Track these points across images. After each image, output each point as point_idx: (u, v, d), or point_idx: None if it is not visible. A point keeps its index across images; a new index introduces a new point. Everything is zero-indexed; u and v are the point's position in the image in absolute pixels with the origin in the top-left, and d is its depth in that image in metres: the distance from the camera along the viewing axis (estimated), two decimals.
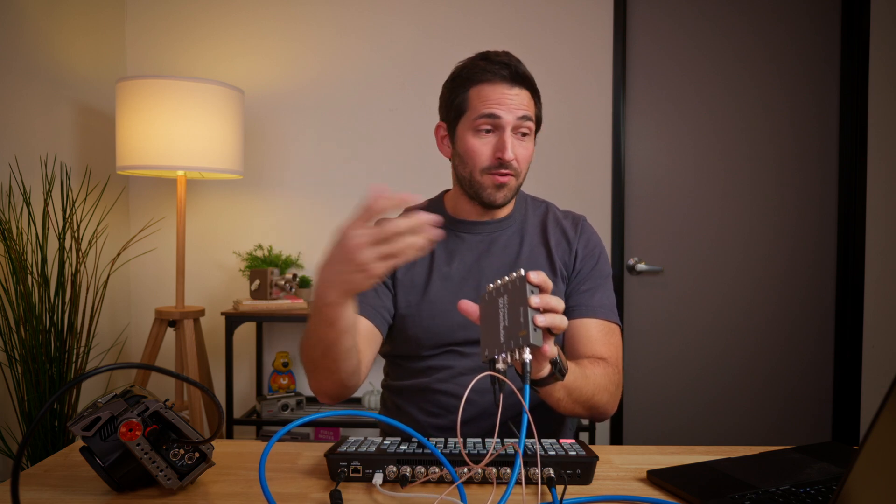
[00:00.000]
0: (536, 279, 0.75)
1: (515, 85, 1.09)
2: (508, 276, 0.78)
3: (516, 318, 0.74)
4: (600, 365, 1.05)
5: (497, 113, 1.07)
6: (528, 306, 0.72)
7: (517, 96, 1.09)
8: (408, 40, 2.52)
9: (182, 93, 1.98)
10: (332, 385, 0.99)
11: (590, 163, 2.52)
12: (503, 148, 1.07)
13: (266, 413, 2.28)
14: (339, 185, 2.55)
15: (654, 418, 2.59)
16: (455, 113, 1.13)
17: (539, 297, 0.74)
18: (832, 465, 0.85)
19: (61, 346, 1.91)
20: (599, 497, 0.78)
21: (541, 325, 0.73)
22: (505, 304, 0.76)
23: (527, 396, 0.70)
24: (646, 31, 2.55)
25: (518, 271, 0.76)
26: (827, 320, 2.59)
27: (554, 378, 0.86)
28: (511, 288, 0.76)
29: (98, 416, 0.75)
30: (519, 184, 1.13)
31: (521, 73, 1.09)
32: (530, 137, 1.12)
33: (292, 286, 2.31)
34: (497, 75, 1.08)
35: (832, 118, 2.56)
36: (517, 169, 1.10)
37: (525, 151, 1.11)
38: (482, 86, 1.09)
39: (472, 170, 1.11)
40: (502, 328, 0.75)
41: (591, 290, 1.15)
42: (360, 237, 0.77)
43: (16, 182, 1.93)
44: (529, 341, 0.71)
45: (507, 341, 0.73)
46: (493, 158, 1.09)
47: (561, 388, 0.94)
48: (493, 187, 1.10)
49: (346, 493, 0.78)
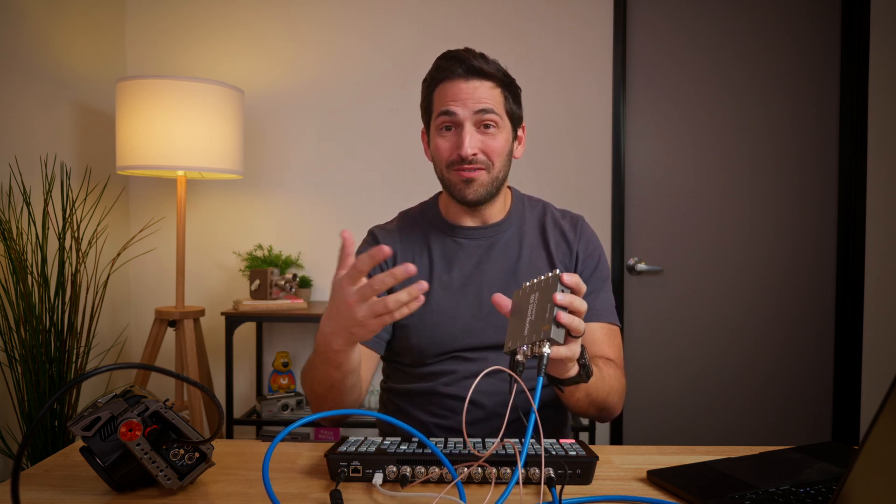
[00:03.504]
0: (569, 281, 0.77)
1: (472, 78, 1.08)
2: (545, 274, 0.80)
3: (542, 313, 0.76)
4: (612, 366, 1.06)
5: (451, 109, 1.07)
6: (555, 304, 0.74)
7: (475, 90, 1.07)
8: (408, 40, 2.52)
9: (182, 93, 1.98)
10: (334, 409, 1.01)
11: (590, 163, 2.52)
12: (461, 143, 1.07)
13: (266, 413, 2.28)
14: (339, 185, 2.55)
15: (654, 418, 2.59)
16: (426, 115, 1.15)
17: (564, 295, 0.75)
18: (832, 465, 0.85)
19: (61, 346, 1.91)
20: (599, 497, 0.78)
21: (563, 322, 0.74)
22: (536, 300, 0.78)
23: (538, 390, 0.71)
24: (646, 31, 2.55)
25: (553, 271, 0.78)
26: (827, 320, 2.59)
27: (580, 379, 0.87)
28: (544, 286, 0.78)
29: (98, 416, 0.75)
30: (493, 177, 1.11)
31: (475, 66, 1.07)
32: (499, 130, 1.10)
33: (292, 286, 2.31)
34: (452, 72, 1.08)
35: (832, 118, 2.56)
36: (485, 162, 1.09)
37: (494, 143, 1.09)
38: (441, 84, 1.10)
39: (441, 168, 1.12)
40: (528, 322, 0.77)
41: (593, 293, 1.14)
42: (352, 295, 0.79)
43: (16, 182, 1.93)
44: (550, 336, 0.73)
45: (530, 335, 0.76)
46: (454, 154, 1.09)
47: (582, 390, 0.96)
48: (461, 183, 1.10)
49: (346, 493, 0.78)
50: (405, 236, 1.19)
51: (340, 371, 0.93)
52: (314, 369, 0.97)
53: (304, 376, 1.04)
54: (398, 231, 1.21)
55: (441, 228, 1.19)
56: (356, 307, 0.79)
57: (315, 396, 1.01)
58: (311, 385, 1.01)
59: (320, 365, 0.94)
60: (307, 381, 1.02)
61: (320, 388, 0.98)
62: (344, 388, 0.96)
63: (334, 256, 2.85)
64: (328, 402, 0.99)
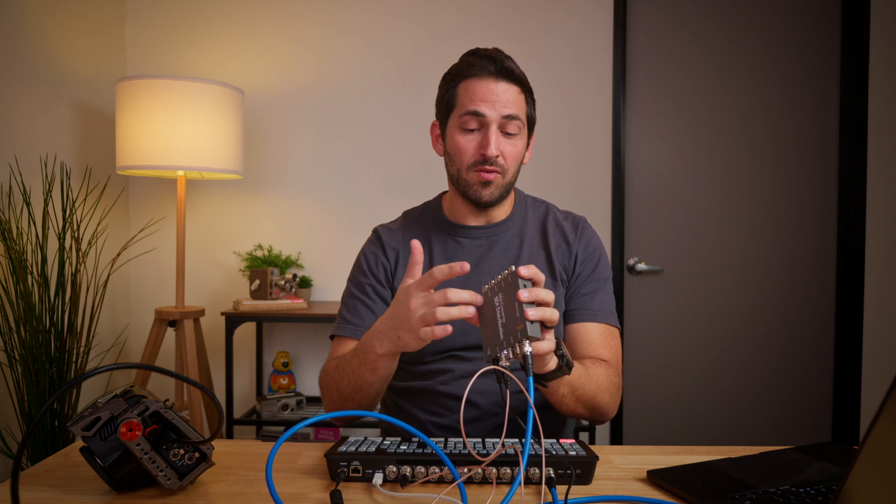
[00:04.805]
0: (527, 273, 0.77)
1: (502, 80, 1.08)
2: (501, 273, 0.79)
3: (512, 313, 0.75)
4: (602, 365, 1.06)
5: (481, 111, 1.07)
6: (520, 301, 0.74)
7: (504, 92, 1.08)
8: (408, 40, 2.52)
9: (182, 93, 1.98)
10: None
11: (590, 163, 2.52)
12: (487, 144, 1.07)
13: (266, 413, 2.28)
14: (339, 185, 2.55)
15: (654, 418, 2.59)
16: (446, 109, 1.14)
17: (527, 291, 0.76)
18: (832, 465, 0.85)
19: (61, 346, 1.91)
20: (599, 497, 0.78)
21: (533, 317, 0.74)
22: (501, 301, 0.78)
23: (531, 387, 0.71)
24: (646, 31, 2.55)
25: (509, 268, 0.78)
26: (827, 320, 2.59)
27: (561, 371, 0.87)
28: (504, 285, 0.78)
29: (98, 416, 0.75)
30: (507, 182, 1.12)
31: (507, 67, 1.08)
32: (519, 137, 1.11)
33: (292, 286, 2.31)
34: (484, 69, 1.08)
35: (832, 118, 2.56)
36: (503, 166, 1.10)
37: (513, 149, 1.10)
38: (469, 80, 1.09)
39: (460, 167, 1.12)
40: (500, 325, 0.76)
41: (591, 294, 1.14)
42: (416, 298, 0.84)
43: (16, 182, 1.93)
44: (528, 334, 0.72)
45: (507, 337, 0.75)
46: (477, 154, 1.09)
47: (565, 385, 0.95)
48: (478, 184, 1.10)
49: (346, 493, 0.78)
50: (408, 235, 1.20)
51: (375, 375, 0.96)
52: (347, 367, 1.00)
53: (330, 376, 1.05)
54: (401, 230, 1.21)
55: (443, 227, 1.19)
56: (415, 311, 0.84)
57: (339, 395, 1.03)
58: (336, 384, 1.03)
59: (357, 365, 0.97)
60: (332, 380, 1.04)
61: (348, 388, 1.00)
62: (371, 393, 0.99)
63: (334, 256, 2.85)
64: (350, 403, 1.02)
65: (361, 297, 1.16)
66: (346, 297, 1.19)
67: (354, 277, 1.20)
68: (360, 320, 1.14)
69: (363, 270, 1.19)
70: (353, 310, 1.16)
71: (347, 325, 1.15)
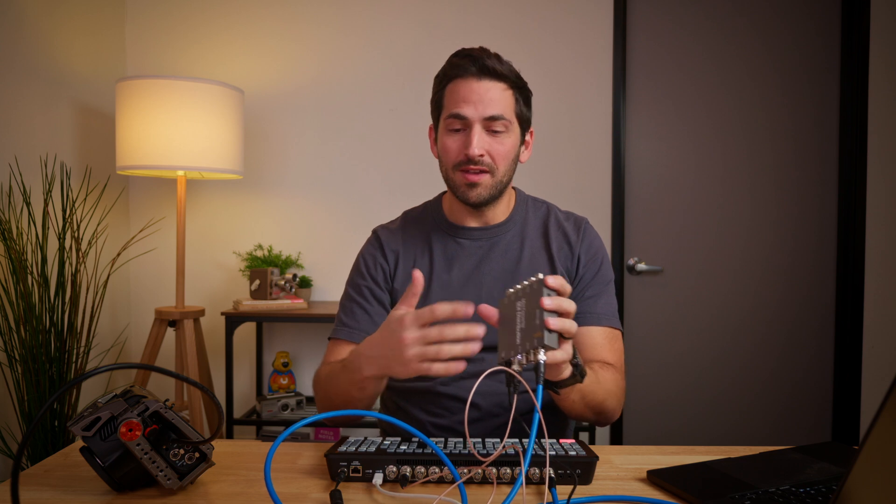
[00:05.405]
0: (554, 283, 0.76)
1: (485, 78, 1.07)
2: (528, 279, 0.79)
3: (532, 320, 0.75)
4: (610, 370, 1.06)
5: (463, 112, 1.07)
6: (543, 308, 0.73)
7: (487, 91, 1.06)
8: (408, 40, 2.52)
9: (182, 93, 1.98)
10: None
11: (590, 163, 2.52)
12: (469, 144, 1.07)
13: (266, 413, 2.28)
14: (339, 185, 2.55)
15: (654, 418, 2.59)
16: (436, 112, 1.14)
17: (551, 299, 0.75)
18: (832, 465, 0.85)
19: (61, 346, 1.91)
20: (599, 497, 0.78)
21: (553, 327, 0.73)
22: (523, 307, 0.77)
23: (539, 397, 0.70)
24: (646, 31, 2.55)
25: (536, 275, 0.77)
26: (827, 320, 2.59)
27: (574, 380, 0.87)
28: (529, 291, 0.77)
29: (98, 416, 0.75)
30: (497, 181, 1.10)
31: (488, 66, 1.06)
32: (506, 134, 1.09)
33: (292, 286, 2.31)
34: (466, 70, 1.07)
35: (832, 118, 2.56)
36: (491, 165, 1.09)
37: (500, 147, 1.09)
38: (454, 81, 1.09)
39: (447, 168, 1.12)
40: (518, 330, 0.77)
41: (595, 297, 1.14)
42: (411, 334, 0.82)
43: (16, 182, 1.93)
44: (544, 342, 0.72)
45: (523, 343, 0.75)
46: (461, 154, 1.09)
47: (577, 391, 0.95)
48: (464, 186, 1.10)
49: (346, 493, 0.78)
50: (407, 236, 1.20)
51: (362, 394, 0.95)
52: (336, 381, 0.99)
53: (321, 383, 1.05)
54: (401, 230, 1.21)
55: (443, 228, 1.19)
56: (409, 346, 0.82)
57: (330, 404, 1.03)
58: (326, 393, 1.03)
59: (345, 383, 0.96)
60: (323, 387, 1.04)
61: (337, 400, 1.00)
62: (360, 406, 0.98)
63: (334, 256, 2.85)
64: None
65: (359, 299, 1.16)
66: (343, 300, 1.19)
67: (353, 280, 1.20)
68: (356, 323, 1.14)
69: (361, 273, 1.18)
70: (350, 313, 1.16)
71: (344, 328, 1.15)
